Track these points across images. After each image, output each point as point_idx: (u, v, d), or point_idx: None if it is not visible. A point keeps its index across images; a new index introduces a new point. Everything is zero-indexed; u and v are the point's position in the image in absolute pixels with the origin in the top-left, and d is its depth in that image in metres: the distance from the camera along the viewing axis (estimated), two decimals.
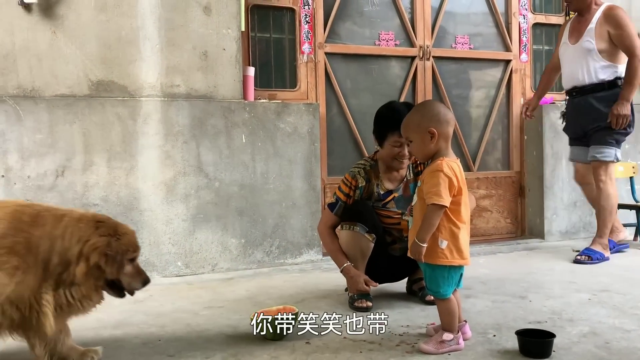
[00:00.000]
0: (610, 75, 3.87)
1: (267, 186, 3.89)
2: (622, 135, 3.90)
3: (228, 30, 3.79)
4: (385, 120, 2.82)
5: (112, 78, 3.58)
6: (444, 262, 2.16)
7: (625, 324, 2.48)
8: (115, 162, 3.56)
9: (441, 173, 2.12)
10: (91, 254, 1.94)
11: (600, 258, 3.87)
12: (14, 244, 1.86)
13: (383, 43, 4.52)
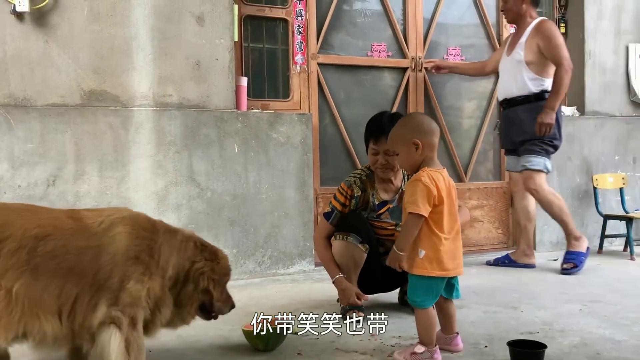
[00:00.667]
0: (537, 87, 3.95)
1: (259, 196, 3.89)
2: (550, 146, 3.96)
3: (221, 41, 3.80)
4: (367, 129, 2.92)
5: (105, 87, 3.57)
6: (422, 272, 2.15)
7: (615, 334, 2.49)
8: (107, 172, 3.54)
9: (420, 182, 2.13)
10: (200, 278, 2.02)
11: (583, 258, 3.93)
12: (138, 253, 1.89)
13: (375, 54, 4.54)
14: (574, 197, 4.87)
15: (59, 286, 1.77)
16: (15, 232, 1.75)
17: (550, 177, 4.77)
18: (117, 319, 1.83)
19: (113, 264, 1.85)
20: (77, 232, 1.84)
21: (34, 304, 1.73)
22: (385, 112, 2.95)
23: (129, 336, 1.84)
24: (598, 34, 4.97)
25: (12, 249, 1.72)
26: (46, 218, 1.85)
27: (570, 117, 4.89)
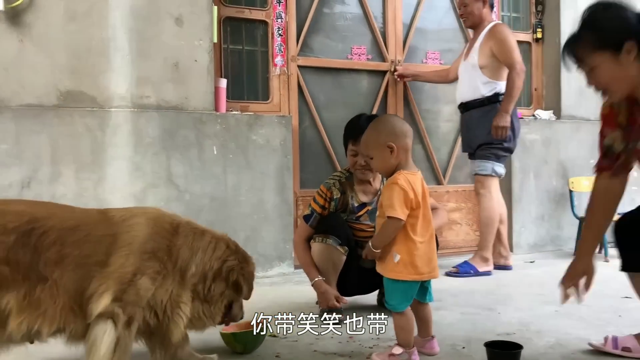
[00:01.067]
0: (490, 91, 4.00)
1: (238, 199, 3.87)
2: (501, 150, 3.99)
3: (200, 42, 3.78)
4: (345, 130, 2.95)
5: (82, 88, 3.53)
6: (397, 276, 2.15)
7: (591, 334, 2.51)
8: (84, 174, 3.50)
9: (396, 186, 2.12)
10: (230, 274, 2.04)
11: (472, 272, 3.96)
12: (156, 250, 1.90)
13: (355, 57, 4.56)
14: (551, 200, 4.93)
15: (80, 276, 1.80)
16: (55, 223, 1.81)
17: (527, 181, 4.84)
18: (116, 316, 1.82)
19: (129, 252, 1.85)
20: (100, 223, 1.90)
21: (68, 295, 1.77)
22: (363, 114, 2.97)
23: (121, 335, 1.84)
24: None
25: (52, 240, 1.78)
26: (80, 212, 1.94)
27: (547, 121, 4.96)
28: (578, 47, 1.90)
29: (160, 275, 1.89)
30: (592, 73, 1.90)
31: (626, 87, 1.90)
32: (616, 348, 2.25)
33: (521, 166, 4.82)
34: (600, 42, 1.84)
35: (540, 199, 4.89)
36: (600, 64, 1.86)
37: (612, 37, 1.83)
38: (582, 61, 1.89)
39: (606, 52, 1.84)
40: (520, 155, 4.80)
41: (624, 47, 1.82)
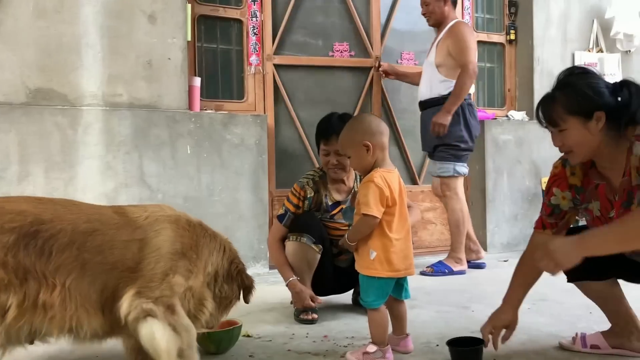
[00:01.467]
0: (446, 90, 3.97)
1: (212, 198, 3.83)
2: (457, 150, 3.99)
3: (173, 40, 3.74)
4: (317, 130, 2.94)
5: (52, 86, 3.46)
6: (373, 273, 2.15)
7: (562, 331, 2.55)
8: (54, 173, 3.43)
9: (372, 184, 2.13)
10: (238, 275, 2.12)
11: (447, 271, 3.98)
12: (185, 249, 1.92)
13: (337, 54, 4.53)
14: (524, 199, 4.99)
15: (103, 281, 1.77)
16: (66, 226, 1.74)
17: (501, 180, 4.89)
18: (151, 311, 1.80)
19: (158, 256, 1.85)
20: (123, 227, 1.85)
21: (84, 299, 1.73)
22: (334, 113, 2.95)
23: (171, 320, 1.82)
24: (546, 41, 5.12)
25: (64, 244, 1.72)
26: (93, 213, 1.85)
27: (520, 121, 5.02)
28: (552, 107, 1.97)
29: (193, 273, 1.93)
30: (560, 134, 1.98)
31: (589, 153, 1.99)
32: (585, 346, 2.28)
33: (495, 166, 4.87)
34: (574, 107, 1.91)
35: (513, 199, 4.95)
36: (571, 127, 1.94)
37: (585, 105, 1.91)
38: (554, 121, 1.96)
39: (577, 117, 1.92)
40: (494, 156, 4.85)
41: (594, 116, 1.91)
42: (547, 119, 1.99)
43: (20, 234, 1.66)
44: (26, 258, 1.66)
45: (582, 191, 2.11)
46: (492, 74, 5.28)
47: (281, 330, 2.62)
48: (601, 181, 2.06)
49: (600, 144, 1.95)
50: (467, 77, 3.86)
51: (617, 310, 2.28)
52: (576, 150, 1.98)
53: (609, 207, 2.04)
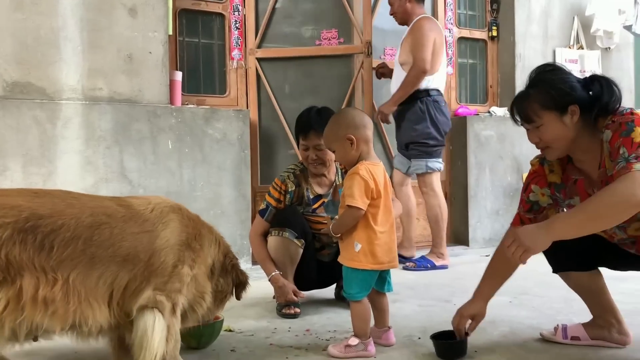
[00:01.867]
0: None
1: (194, 194, 3.80)
2: (427, 147, 4.00)
3: (155, 34, 3.70)
4: (296, 125, 2.94)
5: (30, 79, 3.41)
6: (357, 265, 2.15)
7: (542, 324, 2.57)
8: (32, 168, 3.38)
9: (357, 176, 2.14)
10: (232, 268, 2.16)
11: (429, 266, 4.01)
12: (190, 240, 1.95)
13: (325, 42, 4.46)
14: (506, 195, 5.02)
15: (113, 273, 1.77)
16: (68, 221, 1.71)
17: (483, 176, 4.92)
18: (161, 304, 1.82)
19: (168, 248, 1.87)
20: (130, 219, 1.85)
21: (89, 293, 1.72)
22: (313, 107, 2.94)
23: (170, 323, 1.84)
24: (527, 38, 5.15)
25: (67, 239, 1.70)
26: (97, 207, 1.82)
27: (502, 117, 5.05)
28: (526, 104, 1.99)
29: (196, 263, 1.96)
30: (536, 130, 2.00)
31: (566, 147, 2.02)
32: (566, 338, 2.31)
33: (477, 162, 4.90)
34: (548, 102, 1.95)
35: (495, 194, 4.98)
36: (547, 122, 1.97)
37: (559, 99, 1.95)
38: (529, 118, 1.99)
39: (552, 112, 1.96)
40: (476, 151, 4.88)
41: (569, 110, 1.95)
42: (523, 116, 2.01)
43: (15, 229, 1.63)
44: (23, 253, 1.63)
45: (562, 187, 2.14)
46: (474, 70, 5.31)
47: (263, 324, 2.61)
48: (579, 176, 2.08)
49: (576, 137, 1.99)
50: (414, 73, 3.87)
51: (599, 302, 2.30)
52: (553, 145, 2.00)
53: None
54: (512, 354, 2.18)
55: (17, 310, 1.62)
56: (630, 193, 1.76)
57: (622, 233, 2.05)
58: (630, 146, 1.84)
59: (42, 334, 1.77)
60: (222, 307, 2.21)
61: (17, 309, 1.62)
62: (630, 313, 2.61)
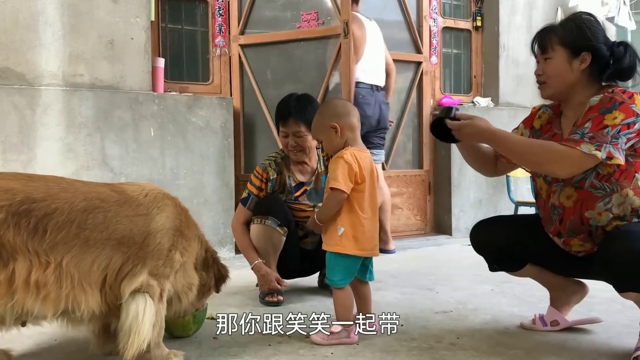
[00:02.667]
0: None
1: (177, 182, 3.77)
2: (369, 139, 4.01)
3: (137, 19, 3.65)
4: (275, 112, 2.93)
5: (8, 65, 3.34)
6: (340, 249, 2.15)
7: (523, 311, 2.59)
8: (11, 155, 3.32)
9: (341, 160, 2.15)
10: (220, 266, 2.22)
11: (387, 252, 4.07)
12: (182, 227, 1.96)
13: (305, 24, 4.29)
14: (489, 185, 5.06)
15: (108, 257, 1.77)
16: (62, 205, 1.71)
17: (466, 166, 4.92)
18: (152, 288, 1.82)
19: (164, 231, 1.88)
20: (124, 204, 1.85)
21: (83, 277, 1.71)
22: (293, 94, 2.93)
23: (158, 309, 1.85)
24: (511, 29, 5.17)
25: (60, 223, 1.69)
26: (90, 192, 1.82)
27: (485, 107, 5.08)
28: (547, 35, 2.04)
29: (187, 251, 1.98)
30: (544, 62, 2.05)
31: (561, 90, 2.06)
32: (545, 325, 2.33)
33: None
34: (566, 39, 1.99)
35: (478, 184, 5.01)
36: (556, 57, 2.02)
37: (577, 41, 1.99)
38: (544, 47, 2.04)
39: (565, 50, 2.00)
40: None
41: (581, 56, 1.99)
42: (540, 43, 2.06)
43: (9, 213, 1.62)
44: (17, 237, 1.62)
45: (538, 134, 2.20)
46: (458, 60, 5.32)
47: (246, 312, 2.59)
48: (558, 130, 2.13)
49: (575, 86, 2.03)
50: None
51: (545, 280, 2.39)
52: (551, 82, 2.05)
53: None
54: (494, 341, 2.20)
55: (8, 294, 1.61)
56: (558, 162, 1.90)
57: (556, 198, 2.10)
58: (597, 125, 1.89)
59: (32, 320, 1.76)
60: (203, 300, 2.24)
61: (8, 293, 1.61)
62: (608, 300, 2.65)
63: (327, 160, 2.93)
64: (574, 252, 2.13)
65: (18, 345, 2.12)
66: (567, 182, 2.04)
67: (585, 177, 2.00)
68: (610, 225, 1.99)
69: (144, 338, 1.77)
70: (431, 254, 4.23)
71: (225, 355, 2.06)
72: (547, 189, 2.14)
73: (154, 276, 1.84)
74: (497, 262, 2.38)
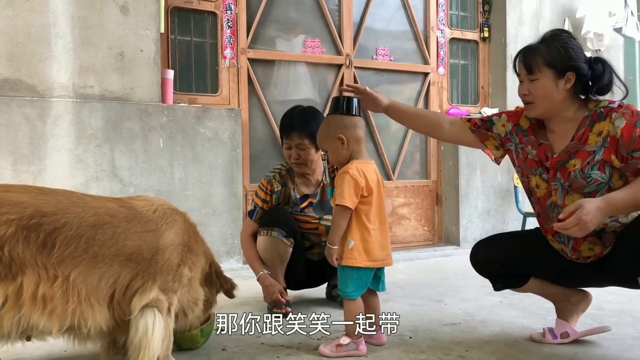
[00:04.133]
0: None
1: (185, 192, 3.79)
2: None
3: (146, 31, 3.68)
4: (280, 124, 2.93)
5: (20, 77, 3.38)
6: (351, 262, 2.15)
7: (532, 323, 2.58)
8: (22, 166, 3.35)
9: (347, 175, 2.15)
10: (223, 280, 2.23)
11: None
12: (191, 243, 1.98)
13: (309, 50, 4.52)
14: (496, 195, 5.05)
15: (116, 273, 1.77)
16: (71, 220, 1.72)
17: (474, 176, 4.94)
18: (160, 303, 1.83)
19: (173, 247, 1.88)
20: (133, 219, 1.86)
21: (90, 293, 1.71)
22: (298, 106, 2.93)
23: (166, 323, 1.85)
24: (519, 39, 5.17)
25: (69, 237, 1.70)
26: (99, 207, 1.83)
27: None
28: (533, 56, 2.07)
29: (195, 266, 1.99)
30: (530, 83, 2.09)
31: (548, 109, 2.10)
32: (555, 337, 2.32)
33: (468, 162, 4.91)
34: (552, 60, 2.04)
35: (486, 195, 5.00)
36: (542, 78, 2.06)
37: (562, 61, 2.04)
38: (530, 68, 2.07)
39: (552, 71, 2.05)
40: (467, 152, 4.89)
41: (566, 76, 2.05)
42: (526, 65, 2.08)
43: (18, 226, 1.62)
44: (26, 251, 1.63)
45: (524, 133, 2.23)
46: (465, 71, 5.33)
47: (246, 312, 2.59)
48: (545, 141, 2.17)
49: (561, 104, 2.08)
50: None
51: (549, 293, 2.39)
52: (539, 102, 2.09)
53: (544, 159, 2.16)
54: (503, 353, 2.19)
55: (15, 308, 1.62)
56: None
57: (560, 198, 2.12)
58: None
59: (37, 335, 1.75)
60: (206, 315, 2.23)
61: (15, 306, 1.62)
62: (619, 313, 2.64)
63: (332, 172, 2.93)
64: (583, 257, 2.13)
65: (28, 356, 2.13)
66: (575, 189, 2.06)
67: (597, 190, 2.02)
68: (620, 228, 2.04)
69: (154, 353, 1.78)
70: (439, 265, 4.21)
71: None
72: (546, 186, 2.17)
73: (163, 291, 1.85)
74: (500, 279, 2.39)
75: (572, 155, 2.07)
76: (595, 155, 2.02)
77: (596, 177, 2.02)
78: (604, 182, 2.01)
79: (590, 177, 2.02)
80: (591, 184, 2.02)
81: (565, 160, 2.08)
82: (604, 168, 2.01)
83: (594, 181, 2.02)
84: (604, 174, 2.02)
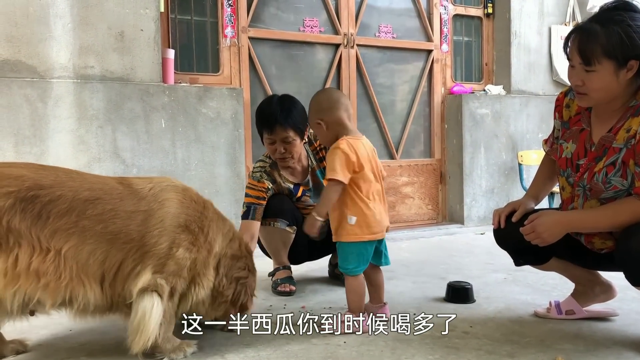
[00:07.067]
0: None
1: (188, 173, 3.78)
2: None
3: (146, 11, 3.64)
4: (257, 119, 2.81)
5: (20, 57, 3.35)
6: (353, 238, 2.15)
7: (536, 299, 2.58)
8: (24, 147, 3.34)
9: (338, 150, 2.14)
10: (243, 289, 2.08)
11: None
12: (189, 222, 1.88)
13: (307, 29, 4.48)
14: (501, 173, 5.02)
15: (105, 251, 1.76)
16: (66, 193, 1.72)
17: (478, 154, 4.91)
18: (160, 287, 1.80)
19: (162, 229, 1.83)
20: (126, 197, 1.83)
21: (80, 269, 1.71)
22: (274, 95, 2.86)
23: (166, 307, 1.83)
24: (523, 15, 5.11)
25: (62, 210, 1.70)
26: (96, 182, 1.83)
27: (497, 95, 5.03)
28: (591, 44, 1.82)
29: (195, 246, 1.89)
30: (585, 73, 1.86)
31: (605, 99, 1.90)
32: (560, 313, 2.31)
33: (472, 140, 4.88)
34: (613, 50, 1.79)
35: (490, 173, 4.98)
36: (602, 70, 1.83)
37: (624, 50, 1.79)
38: (587, 59, 1.83)
39: (613, 62, 1.81)
40: (471, 130, 4.86)
41: (628, 64, 1.81)
42: (582, 54, 1.84)
43: (17, 198, 1.65)
44: (22, 222, 1.65)
45: (566, 127, 2.11)
46: (469, 47, 5.27)
47: (259, 302, 2.60)
48: (587, 126, 2.03)
49: (619, 93, 1.88)
50: None
51: (571, 273, 2.34)
52: (594, 95, 1.89)
53: (582, 154, 2.02)
54: (507, 329, 2.19)
55: (13, 280, 1.64)
56: None
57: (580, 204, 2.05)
58: None
59: (39, 309, 1.78)
60: (219, 312, 2.08)
61: (13, 279, 1.64)
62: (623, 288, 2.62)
63: (316, 154, 2.91)
64: (597, 249, 2.09)
65: (34, 335, 2.14)
66: (594, 194, 1.96)
67: (615, 197, 1.93)
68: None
69: (148, 337, 1.77)
70: (443, 243, 4.21)
71: (239, 344, 2.07)
72: (570, 191, 2.08)
73: (161, 274, 1.81)
74: (522, 256, 2.29)
75: (606, 150, 1.92)
76: (619, 155, 1.88)
77: (616, 183, 1.90)
78: (623, 189, 1.89)
79: (610, 183, 1.90)
80: (609, 190, 1.91)
81: (600, 157, 1.94)
82: (626, 174, 1.88)
83: (613, 188, 1.90)
84: (625, 181, 1.88)
